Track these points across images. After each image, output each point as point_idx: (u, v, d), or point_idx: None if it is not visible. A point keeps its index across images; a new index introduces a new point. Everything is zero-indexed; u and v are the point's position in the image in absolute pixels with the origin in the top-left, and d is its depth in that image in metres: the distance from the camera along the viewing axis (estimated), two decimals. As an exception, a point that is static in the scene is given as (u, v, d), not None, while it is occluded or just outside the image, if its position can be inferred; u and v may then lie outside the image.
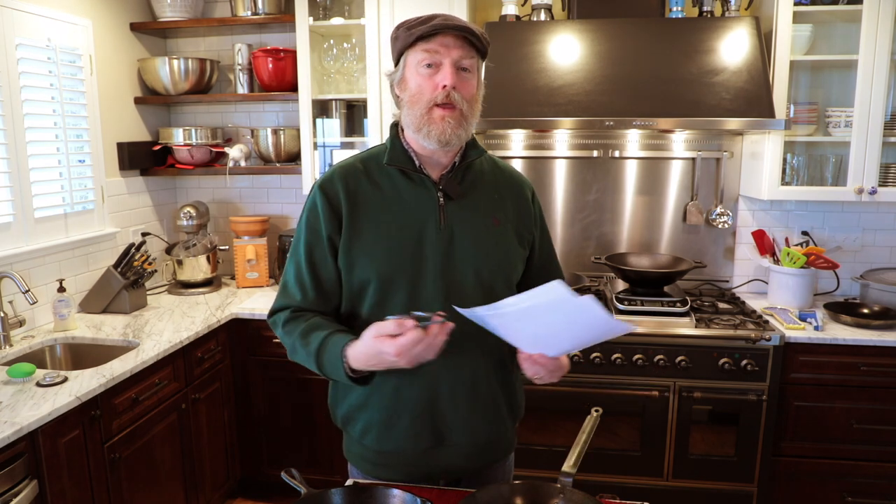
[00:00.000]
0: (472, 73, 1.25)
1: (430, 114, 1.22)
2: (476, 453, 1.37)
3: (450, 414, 1.31)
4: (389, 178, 1.31)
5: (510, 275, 1.34)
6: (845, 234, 2.84)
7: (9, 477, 1.59)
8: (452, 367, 1.28)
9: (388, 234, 1.27)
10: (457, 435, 1.33)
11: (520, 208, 1.38)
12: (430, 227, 1.28)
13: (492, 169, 1.40)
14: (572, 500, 1.15)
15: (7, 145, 2.25)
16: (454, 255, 1.28)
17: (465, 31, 1.21)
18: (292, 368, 2.68)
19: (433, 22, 1.21)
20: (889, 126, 2.49)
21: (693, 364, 2.37)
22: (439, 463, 1.35)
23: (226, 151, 3.04)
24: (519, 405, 1.44)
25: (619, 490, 2.41)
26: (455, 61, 1.22)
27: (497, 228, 1.33)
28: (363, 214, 1.28)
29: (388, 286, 1.27)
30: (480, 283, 1.30)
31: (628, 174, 2.92)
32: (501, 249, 1.33)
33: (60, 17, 2.49)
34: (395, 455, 1.35)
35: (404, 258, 1.27)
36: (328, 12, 2.84)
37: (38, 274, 2.42)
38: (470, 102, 1.25)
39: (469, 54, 1.23)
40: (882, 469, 2.39)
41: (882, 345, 2.31)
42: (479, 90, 1.30)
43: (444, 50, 1.21)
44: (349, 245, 1.28)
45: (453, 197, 1.30)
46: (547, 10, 2.71)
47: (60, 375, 1.92)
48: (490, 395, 1.34)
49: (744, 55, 2.44)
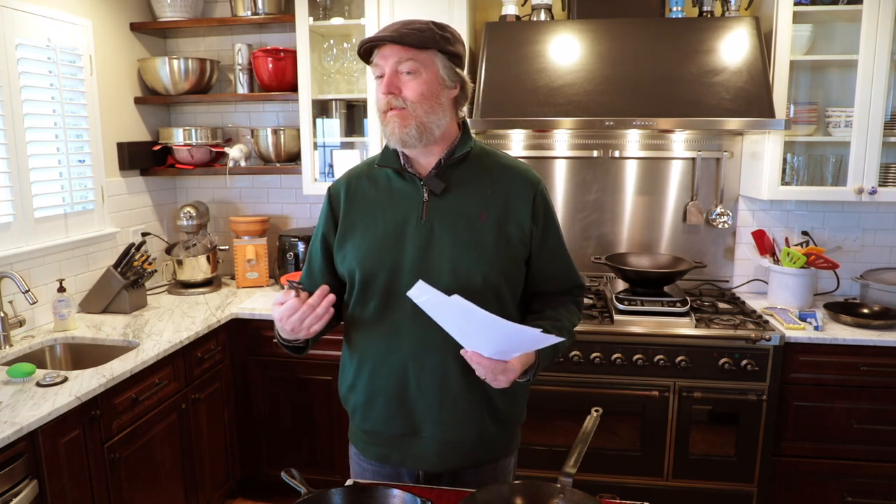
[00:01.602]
0: (416, 74, 1.29)
1: (385, 118, 1.32)
2: (451, 451, 1.38)
3: (420, 404, 1.35)
4: (386, 178, 1.40)
5: (489, 271, 1.32)
6: (845, 234, 2.84)
7: (9, 477, 1.59)
8: (421, 357, 1.33)
9: (375, 228, 1.36)
10: (428, 428, 1.36)
11: (514, 203, 1.37)
12: (412, 221, 1.34)
13: (490, 163, 1.40)
14: (572, 500, 1.15)
15: (7, 145, 2.25)
16: (432, 248, 1.32)
17: (391, 38, 1.27)
18: (292, 368, 2.69)
19: (371, 38, 1.30)
20: (889, 126, 2.49)
21: (693, 364, 2.37)
22: (413, 452, 1.39)
23: (226, 151, 3.04)
24: (506, 410, 1.40)
25: (619, 490, 2.41)
26: (393, 69, 1.29)
27: (482, 224, 1.33)
28: (358, 211, 1.39)
29: (370, 276, 1.35)
30: (457, 278, 1.31)
31: (628, 174, 2.92)
32: (481, 245, 1.33)
33: (60, 17, 2.49)
34: (375, 435, 1.42)
35: (385, 251, 1.34)
36: (328, 12, 2.84)
37: (38, 274, 2.42)
38: (419, 101, 1.29)
39: (406, 56, 1.28)
40: (882, 469, 2.39)
41: (882, 345, 2.31)
42: (443, 85, 1.32)
43: (384, 61, 1.30)
44: (343, 239, 1.39)
45: (437, 192, 1.34)
46: (547, 10, 2.71)
47: (60, 375, 1.92)
48: (461, 393, 1.34)
49: (744, 55, 2.44)
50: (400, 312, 1.33)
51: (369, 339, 1.37)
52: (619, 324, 2.43)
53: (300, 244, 2.97)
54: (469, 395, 1.35)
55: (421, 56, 1.29)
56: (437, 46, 1.29)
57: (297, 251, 2.97)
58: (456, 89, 1.35)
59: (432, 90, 1.30)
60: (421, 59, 1.29)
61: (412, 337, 1.33)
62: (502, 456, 1.46)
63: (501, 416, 1.40)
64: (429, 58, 1.30)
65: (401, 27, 1.29)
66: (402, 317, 1.33)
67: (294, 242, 2.97)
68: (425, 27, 1.29)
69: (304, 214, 3.25)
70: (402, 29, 1.28)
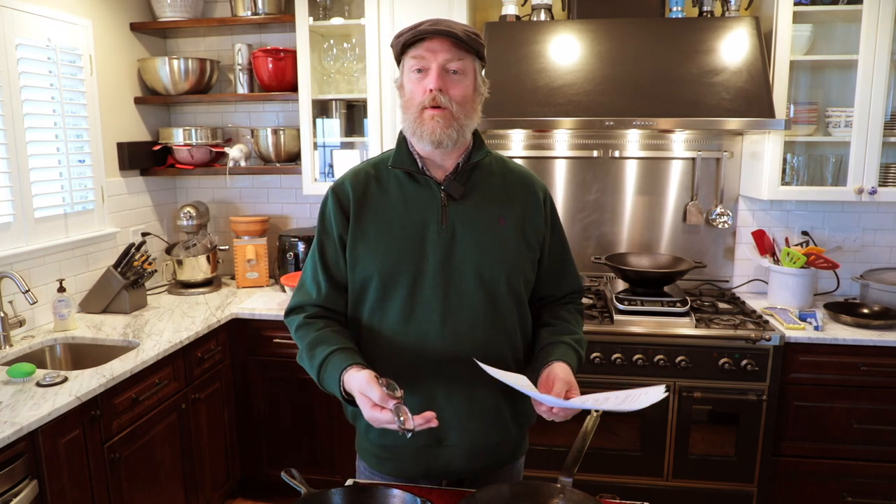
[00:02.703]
0: (462, 75, 1.26)
1: (420, 116, 1.26)
2: (476, 454, 1.36)
3: (447, 413, 1.31)
4: (397, 181, 1.35)
5: (511, 275, 1.33)
6: (845, 234, 2.84)
7: (9, 477, 1.59)
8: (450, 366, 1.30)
9: (391, 233, 1.31)
10: (455, 436, 1.33)
11: (529, 208, 1.37)
12: (432, 226, 1.30)
13: (501, 169, 1.40)
14: (572, 500, 1.15)
15: (7, 145, 2.25)
16: (454, 253, 1.30)
17: (449, 34, 1.22)
18: (292, 368, 2.68)
19: (419, 28, 1.24)
20: (889, 126, 2.49)
21: (693, 364, 2.37)
22: (438, 462, 1.35)
23: (226, 151, 3.04)
24: (526, 413, 1.41)
25: (619, 490, 2.41)
26: (442, 65, 1.24)
27: (502, 227, 1.33)
28: (369, 214, 1.33)
29: (389, 283, 1.30)
30: (481, 282, 1.30)
31: (628, 174, 2.92)
32: (504, 249, 1.32)
33: (60, 17, 2.49)
34: (395, 450, 1.37)
35: (405, 256, 1.29)
36: (328, 12, 2.84)
37: (38, 274, 2.42)
38: (462, 104, 1.26)
39: (457, 56, 1.24)
40: (882, 469, 2.39)
41: (882, 345, 2.31)
42: (477, 92, 1.30)
43: (431, 55, 1.24)
44: (354, 244, 1.32)
45: (456, 197, 1.31)
46: (547, 10, 2.71)
47: (60, 375, 1.92)
48: (490, 398, 1.33)
49: (744, 55, 2.44)
50: (425, 321, 1.29)
51: (390, 350, 1.31)
52: (619, 324, 2.43)
53: (300, 244, 2.97)
54: (496, 401, 1.34)
55: (468, 58, 1.26)
56: (478, 52, 1.27)
57: (297, 251, 2.97)
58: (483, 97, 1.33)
59: (471, 96, 1.28)
60: (467, 61, 1.26)
61: (441, 346, 1.29)
62: (518, 456, 1.47)
63: (521, 420, 1.41)
64: (471, 62, 1.27)
65: (449, 25, 1.23)
66: (428, 325, 1.29)
67: (294, 242, 2.97)
68: (470, 30, 1.25)
69: (304, 214, 3.25)
70: (454, 27, 1.23)
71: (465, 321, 1.30)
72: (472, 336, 1.30)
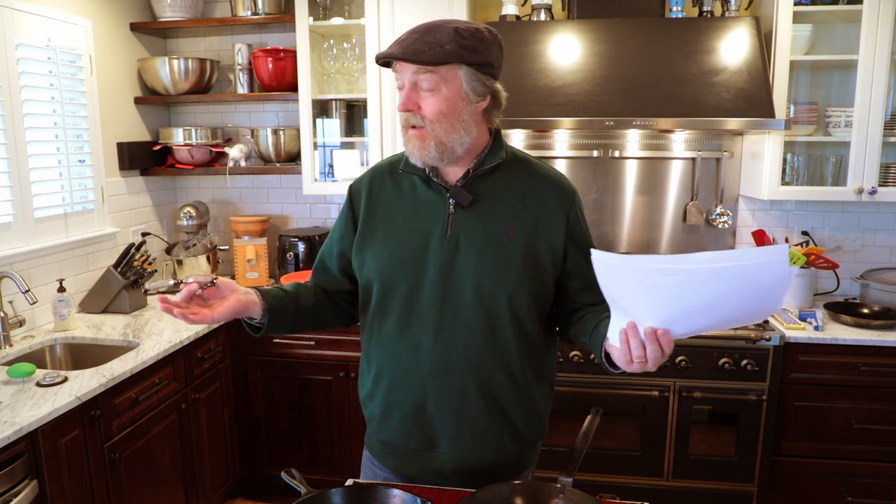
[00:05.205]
0: (434, 91, 1.18)
1: (405, 134, 1.24)
2: (468, 469, 1.33)
3: (437, 423, 1.30)
4: (411, 183, 1.32)
5: (515, 295, 1.25)
6: (845, 234, 2.84)
7: (9, 477, 1.59)
8: (440, 378, 1.28)
9: (397, 238, 1.29)
10: (445, 445, 1.32)
11: (546, 220, 1.28)
12: (437, 234, 1.27)
13: (524, 172, 1.32)
14: (572, 500, 1.15)
15: (7, 145, 2.25)
16: (456, 265, 1.25)
17: (402, 55, 1.16)
18: (292, 368, 2.69)
19: (381, 55, 1.20)
20: (889, 126, 2.49)
21: (693, 364, 2.37)
22: (430, 466, 1.35)
23: (226, 151, 3.04)
24: (526, 429, 1.35)
25: (619, 490, 2.41)
26: (413, 82, 1.20)
27: (510, 241, 1.25)
28: (380, 214, 1.32)
29: (389, 288, 1.29)
30: (480, 298, 1.25)
31: (628, 174, 2.92)
32: (508, 266, 1.25)
33: (60, 17, 2.49)
34: (391, 447, 1.38)
35: (406, 264, 1.28)
36: (328, 12, 2.84)
37: (38, 274, 2.42)
38: (438, 119, 1.19)
39: (423, 70, 1.17)
40: (882, 469, 2.39)
41: (882, 345, 2.31)
42: (465, 99, 1.21)
43: (401, 73, 1.21)
44: (362, 245, 1.33)
45: (463, 205, 1.26)
46: (547, 10, 2.71)
47: (60, 375, 1.92)
48: (480, 415, 1.29)
49: (744, 55, 2.44)
50: (421, 330, 1.27)
51: (388, 354, 1.32)
52: (619, 324, 2.43)
53: (300, 244, 2.97)
54: (488, 417, 1.29)
55: (441, 70, 1.17)
56: (460, 59, 1.17)
57: (297, 251, 2.97)
58: (485, 101, 1.23)
59: (453, 107, 1.19)
60: (441, 73, 1.17)
61: (433, 357, 1.27)
62: (521, 470, 1.40)
63: (522, 436, 1.35)
64: (450, 72, 1.18)
65: (418, 39, 1.17)
66: (422, 335, 1.27)
67: (294, 242, 2.97)
68: (446, 38, 1.16)
69: (304, 214, 3.25)
70: (418, 42, 1.16)
71: (459, 335, 1.26)
72: (465, 351, 1.26)
